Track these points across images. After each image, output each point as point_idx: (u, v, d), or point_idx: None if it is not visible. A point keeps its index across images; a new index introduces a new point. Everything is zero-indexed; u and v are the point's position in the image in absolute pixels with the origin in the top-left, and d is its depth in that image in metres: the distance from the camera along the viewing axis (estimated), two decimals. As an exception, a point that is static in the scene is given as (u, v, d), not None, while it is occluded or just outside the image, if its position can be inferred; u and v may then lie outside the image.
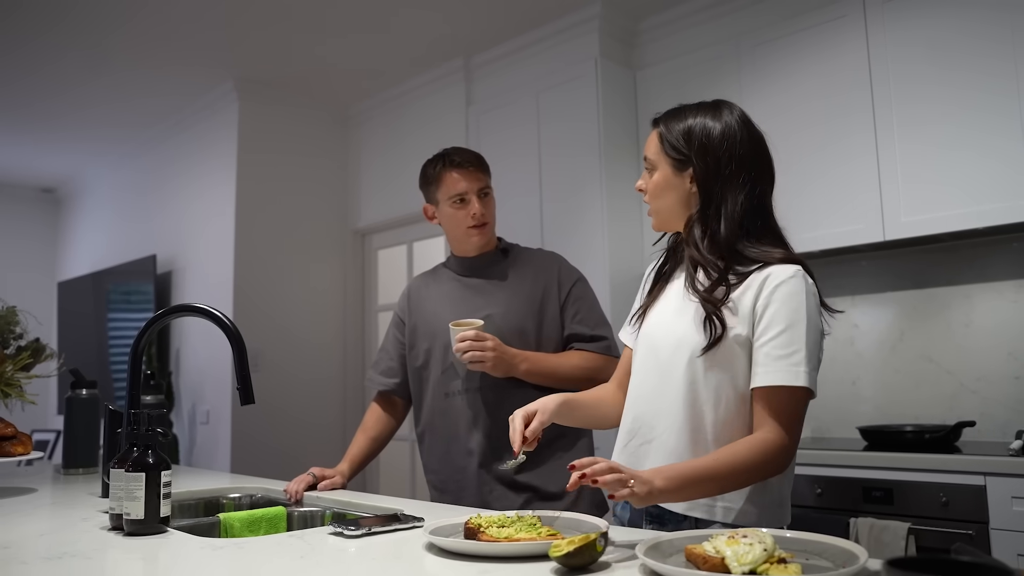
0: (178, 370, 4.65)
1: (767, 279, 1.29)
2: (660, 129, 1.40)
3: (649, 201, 1.43)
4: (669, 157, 1.38)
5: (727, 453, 1.23)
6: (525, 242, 3.63)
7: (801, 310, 1.27)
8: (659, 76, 3.44)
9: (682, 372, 1.33)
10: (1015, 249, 2.71)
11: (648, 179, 1.42)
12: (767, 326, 1.28)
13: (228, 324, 1.60)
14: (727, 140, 1.35)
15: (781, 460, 1.25)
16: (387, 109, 4.58)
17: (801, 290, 1.28)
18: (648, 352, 1.42)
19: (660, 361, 1.38)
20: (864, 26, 2.79)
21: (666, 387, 1.36)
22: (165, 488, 1.38)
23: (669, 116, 1.42)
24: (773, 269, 1.30)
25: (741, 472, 1.22)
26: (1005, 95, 2.47)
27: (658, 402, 1.37)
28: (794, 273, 1.29)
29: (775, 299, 1.28)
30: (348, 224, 4.76)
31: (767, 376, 1.26)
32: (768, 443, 1.23)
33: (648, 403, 1.39)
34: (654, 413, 1.37)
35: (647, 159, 1.42)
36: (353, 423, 4.62)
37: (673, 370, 1.35)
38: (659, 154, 1.40)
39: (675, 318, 1.38)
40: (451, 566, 1.10)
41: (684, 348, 1.33)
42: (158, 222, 5.05)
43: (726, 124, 1.37)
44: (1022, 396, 2.67)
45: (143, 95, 4.49)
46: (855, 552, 0.97)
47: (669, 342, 1.37)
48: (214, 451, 4.24)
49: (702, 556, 0.97)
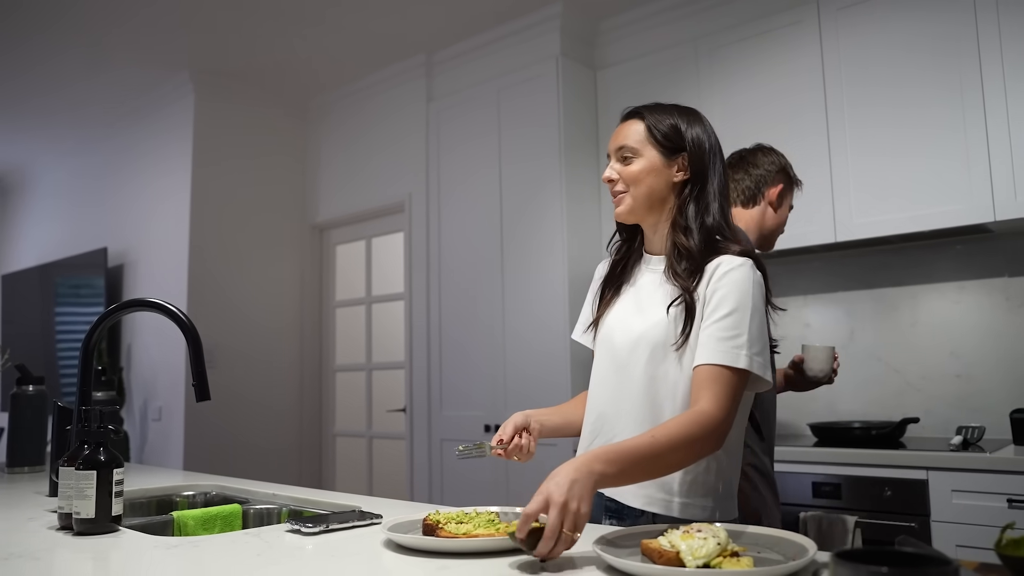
0: (129, 366, 4.55)
1: (718, 267, 1.34)
2: (646, 119, 1.43)
3: (627, 187, 1.42)
4: (659, 144, 1.41)
5: (663, 428, 1.22)
6: (484, 240, 3.65)
7: (747, 298, 1.31)
8: (619, 76, 3.47)
9: (641, 368, 1.36)
10: (958, 252, 2.80)
11: (621, 168, 1.43)
12: (714, 309, 1.31)
13: (184, 320, 1.57)
14: (709, 134, 1.45)
15: (717, 434, 1.24)
16: (347, 104, 4.54)
17: (748, 278, 1.32)
18: (607, 352, 1.45)
19: (619, 360, 1.41)
20: (819, 33, 2.85)
21: (626, 384, 1.39)
22: (117, 486, 1.35)
23: (651, 108, 1.45)
24: (724, 258, 1.35)
25: (679, 446, 1.20)
26: (950, 103, 2.55)
27: (619, 400, 1.40)
28: (743, 263, 1.34)
29: (722, 284, 1.32)
30: (306, 219, 4.71)
31: (710, 355, 1.28)
32: (703, 415, 1.23)
33: (609, 402, 1.42)
34: (615, 411, 1.40)
35: (626, 147, 1.42)
36: (310, 420, 4.58)
37: (632, 368, 1.38)
38: (645, 142, 1.42)
39: (633, 317, 1.42)
40: (409, 562, 1.10)
41: (643, 345, 1.37)
42: (110, 214, 4.93)
43: (704, 121, 1.47)
44: (963, 394, 2.76)
45: (96, 84, 4.38)
46: (805, 545, 1.00)
47: (627, 340, 1.40)
48: (166, 448, 4.17)
49: (657, 550, 0.99)
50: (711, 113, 3.11)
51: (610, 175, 1.44)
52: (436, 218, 3.90)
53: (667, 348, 1.34)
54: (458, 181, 3.82)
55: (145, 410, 4.38)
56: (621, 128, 1.46)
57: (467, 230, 3.76)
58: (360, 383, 4.53)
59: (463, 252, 3.75)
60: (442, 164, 3.89)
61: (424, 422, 3.85)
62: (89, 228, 5.10)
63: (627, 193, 1.42)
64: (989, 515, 2.16)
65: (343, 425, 4.58)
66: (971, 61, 2.52)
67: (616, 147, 1.45)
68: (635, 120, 1.45)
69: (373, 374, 4.48)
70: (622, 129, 1.45)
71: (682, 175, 1.41)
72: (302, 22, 3.69)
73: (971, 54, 2.52)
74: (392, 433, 4.29)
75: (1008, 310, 2.71)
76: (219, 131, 4.34)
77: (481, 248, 3.66)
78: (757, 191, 2.02)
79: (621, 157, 1.44)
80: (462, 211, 3.79)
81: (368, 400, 4.48)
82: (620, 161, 1.44)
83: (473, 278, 3.68)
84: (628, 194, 1.42)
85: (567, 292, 3.27)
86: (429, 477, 3.79)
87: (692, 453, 1.25)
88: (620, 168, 1.43)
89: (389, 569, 1.10)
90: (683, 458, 1.24)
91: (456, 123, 3.84)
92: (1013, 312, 2.70)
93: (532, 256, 3.44)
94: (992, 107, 2.47)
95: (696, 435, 1.22)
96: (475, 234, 3.71)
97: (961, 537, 2.19)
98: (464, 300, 3.71)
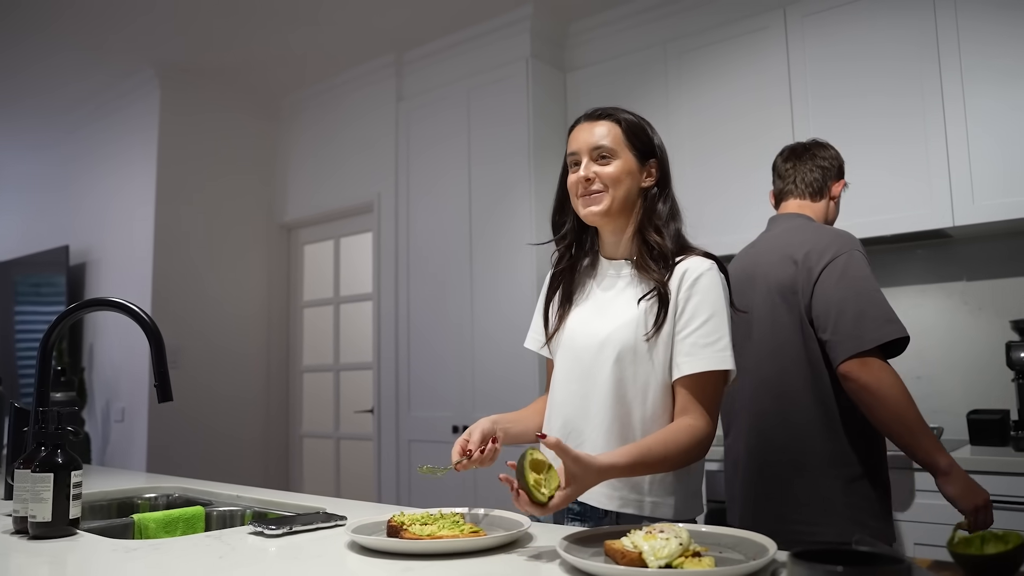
0: (91, 366, 4.47)
1: (686, 273, 1.36)
2: (621, 122, 1.43)
3: (606, 187, 1.41)
4: (633, 147, 1.42)
5: (661, 438, 1.28)
6: (454, 240, 3.65)
7: (720, 301, 1.35)
8: (589, 78, 3.49)
9: (609, 371, 1.37)
10: (918, 256, 2.86)
11: (600, 168, 1.41)
12: (691, 317, 1.34)
13: (146, 319, 1.55)
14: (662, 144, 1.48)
15: (706, 445, 1.33)
16: (316, 103, 4.50)
17: (718, 283, 1.37)
18: (571, 357, 1.45)
19: (584, 364, 1.41)
20: (785, 39, 2.89)
21: (593, 388, 1.39)
22: (75, 489, 1.33)
23: (620, 111, 1.45)
24: (690, 263, 1.38)
25: (674, 456, 1.28)
26: (911, 112, 2.60)
27: (586, 404, 1.40)
28: (710, 266, 1.37)
29: (696, 291, 1.35)
30: (274, 218, 4.66)
31: (697, 363, 1.32)
32: (697, 429, 1.30)
33: (575, 407, 1.41)
34: (583, 416, 1.40)
35: (603, 147, 1.41)
36: (277, 421, 4.53)
37: (599, 371, 1.38)
38: (622, 144, 1.42)
39: (596, 321, 1.43)
40: (374, 564, 1.10)
41: (610, 347, 1.37)
42: (72, 212, 4.84)
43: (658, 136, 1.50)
44: (922, 395, 2.81)
45: (57, 78, 4.29)
46: (765, 545, 1.02)
47: (592, 344, 1.40)
48: (129, 450, 4.10)
49: (620, 551, 1.00)
50: (679, 116, 3.15)
51: (588, 174, 1.41)
52: (405, 218, 3.88)
53: (636, 348, 1.35)
54: (427, 181, 3.81)
55: (107, 411, 4.31)
56: (591, 128, 1.43)
57: (436, 230, 3.75)
58: (328, 384, 4.49)
59: (432, 252, 3.74)
60: (411, 164, 3.88)
61: (392, 423, 3.84)
62: (50, 225, 5.00)
63: (605, 193, 1.41)
64: (948, 514, 2.19)
65: (310, 426, 4.54)
66: (931, 69, 2.57)
67: (591, 146, 1.42)
68: (608, 121, 1.43)
69: (341, 375, 4.45)
70: (593, 129, 1.43)
71: (651, 181, 1.44)
72: (271, 19, 3.66)
73: (931, 62, 2.57)
74: (360, 434, 4.27)
75: (967, 313, 2.77)
76: (185, 128, 4.29)
77: (450, 248, 3.65)
78: (824, 184, 2.00)
79: (597, 156, 1.42)
80: (431, 211, 3.78)
81: (336, 401, 4.45)
82: (596, 161, 1.42)
83: (442, 279, 3.67)
84: (607, 194, 1.41)
85: (536, 293, 3.27)
86: (397, 478, 3.77)
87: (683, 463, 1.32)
88: (598, 168, 1.41)
89: (353, 571, 1.09)
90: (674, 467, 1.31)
91: (426, 123, 3.83)
92: (971, 315, 2.76)
93: (501, 257, 3.44)
94: (951, 115, 2.53)
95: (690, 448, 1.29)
96: (444, 234, 3.71)
97: (922, 536, 2.23)
98: (433, 301, 3.70)
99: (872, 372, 1.66)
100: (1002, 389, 2.61)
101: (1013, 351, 2.40)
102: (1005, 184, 2.43)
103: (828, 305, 1.72)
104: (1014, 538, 0.88)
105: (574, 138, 1.46)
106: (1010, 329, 2.55)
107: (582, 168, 1.42)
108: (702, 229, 3.07)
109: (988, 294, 2.74)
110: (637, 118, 1.46)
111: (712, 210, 2.99)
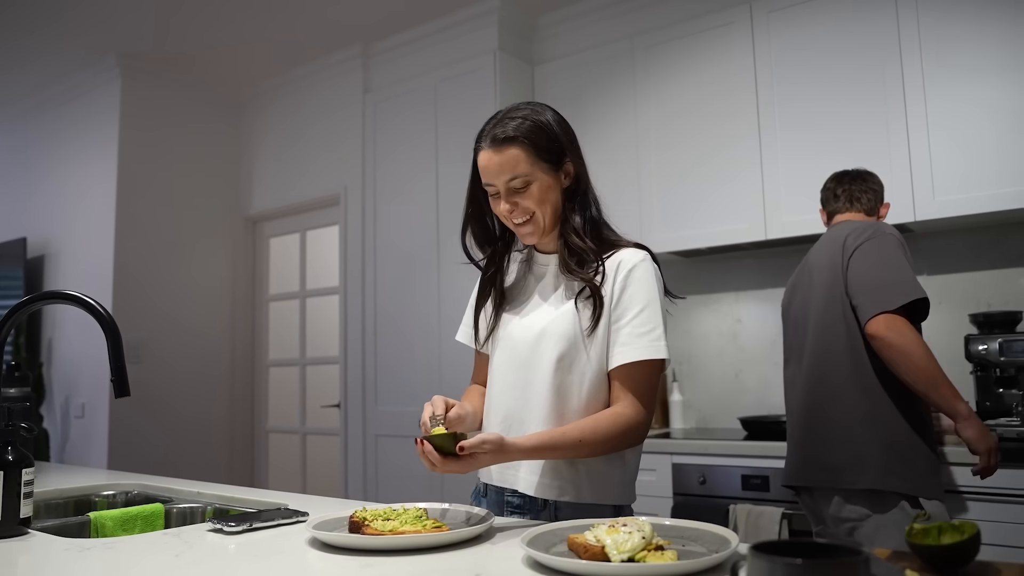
0: (50, 361, 4.37)
1: (620, 265, 1.38)
2: (520, 141, 1.36)
3: (534, 213, 1.39)
4: (544, 162, 1.39)
5: (587, 421, 1.32)
6: (421, 233, 3.62)
7: (653, 291, 1.37)
8: (557, 71, 3.48)
9: (547, 363, 1.38)
10: (882, 250, 2.90)
11: (519, 197, 1.38)
12: (626, 307, 1.36)
13: (101, 311, 1.51)
14: (567, 126, 1.45)
15: (639, 432, 1.35)
16: (282, 93, 4.44)
17: (651, 273, 1.39)
18: (508, 351, 1.46)
19: (521, 356, 1.43)
20: (751, 33, 2.91)
21: (532, 379, 1.40)
22: (27, 487, 1.29)
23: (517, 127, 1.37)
24: (623, 255, 1.40)
25: (592, 442, 1.30)
26: (874, 107, 2.64)
27: (526, 395, 1.41)
28: (644, 257, 1.40)
29: (631, 282, 1.37)
30: (239, 210, 4.59)
31: (632, 352, 1.34)
32: (626, 417, 1.33)
33: (515, 398, 1.43)
34: (523, 406, 1.41)
35: (517, 176, 1.37)
36: (242, 416, 4.48)
37: (538, 362, 1.40)
38: (532, 164, 1.37)
39: (532, 313, 1.45)
40: (334, 561, 1.08)
41: (548, 338, 1.39)
42: (29, 203, 4.72)
43: (554, 114, 1.44)
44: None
45: (14, 65, 4.18)
46: (727, 537, 1.02)
47: (530, 335, 1.42)
48: (89, 447, 4.02)
49: (583, 545, 1.00)
50: (647, 107, 3.16)
51: (507, 209, 1.39)
52: (372, 211, 3.85)
53: (574, 339, 1.37)
54: (394, 174, 3.78)
55: (67, 407, 4.22)
56: (496, 157, 1.37)
57: (404, 223, 3.72)
58: (294, 378, 4.45)
59: (399, 245, 3.71)
60: (378, 157, 3.84)
61: (359, 417, 3.81)
62: (7, 217, 4.87)
63: (532, 220, 1.40)
64: (907, 504, 2.24)
65: (276, 421, 4.49)
66: (894, 67, 2.61)
67: (505, 178, 1.37)
68: (511, 146, 1.36)
69: (307, 369, 4.40)
70: (500, 159, 1.37)
71: (569, 180, 1.43)
72: (236, 8, 3.60)
73: (894, 61, 2.61)
74: (326, 429, 4.23)
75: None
76: (147, 118, 4.20)
77: (418, 242, 3.63)
78: (876, 205, 2.24)
79: (513, 190, 1.38)
80: (398, 204, 3.75)
81: (302, 396, 4.40)
82: (512, 193, 1.38)
83: (409, 272, 3.65)
84: (534, 220, 1.40)
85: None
86: (364, 473, 3.74)
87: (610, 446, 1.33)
88: (518, 199, 1.38)
89: (312, 568, 1.08)
90: (600, 452, 1.34)
91: (393, 115, 3.80)
92: (933, 309, 2.80)
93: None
94: (913, 112, 2.56)
95: (616, 435, 1.32)
96: (412, 227, 3.68)
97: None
98: (400, 294, 3.68)
99: (897, 329, 1.86)
100: (961, 382, 2.65)
101: (972, 344, 2.45)
102: (965, 180, 2.47)
103: (859, 273, 1.96)
104: (969, 528, 0.89)
105: (484, 168, 1.40)
106: (968, 323, 2.60)
107: (502, 200, 1.40)
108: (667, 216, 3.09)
109: (948, 288, 2.79)
110: (533, 121, 1.39)
111: (676, 197, 3.01)
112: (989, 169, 2.44)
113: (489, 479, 1.46)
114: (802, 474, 2.07)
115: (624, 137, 3.19)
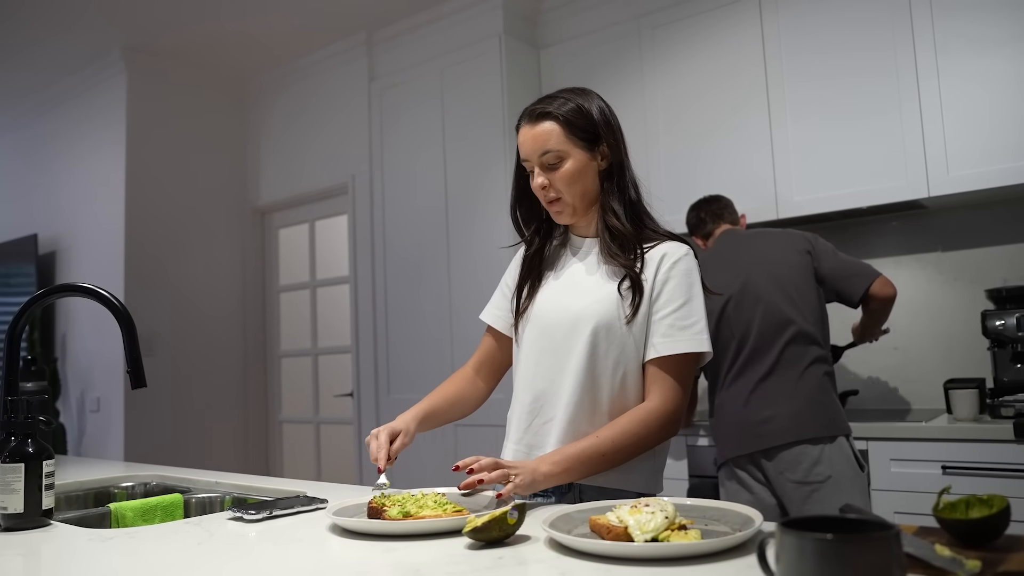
0: (64, 356, 4.40)
1: (664, 256, 1.37)
2: (558, 117, 1.38)
3: (564, 193, 1.40)
4: (580, 140, 1.39)
5: (613, 431, 1.31)
6: (429, 220, 3.61)
7: (696, 285, 1.38)
8: (562, 55, 3.46)
9: (582, 347, 1.37)
10: (894, 228, 2.88)
11: (552, 174, 1.39)
12: (668, 300, 1.35)
13: (116, 303, 1.51)
14: (611, 114, 1.45)
15: (670, 427, 1.34)
16: (288, 83, 4.43)
17: (694, 268, 1.39)
18: (540, 333, 1.44)
19: (556, 340, 1.41)
20: (759, 10, 2.88)
21: (565, 364, 1.39)
22: (47, 479, 1.30)
23: (557, 105, 1.40)
24: (668, 247, 1.39)
25: (627, 446, 1.30)
26: (886, 83, 2.60)
27: (558, 379, 1.39)
28: (687, 252, 1.40)
29: (673, 275, 1.36)
30: (247, 202, 4.60)
31: (674, 344, 1.33)
32: (653, 413, 1.32)
33: (547, 381, 1.41)
34: (555, 391, 1.40)
35: (550, 152, 1.38)
36: (256, 407, 4.49)
37: (572, 347, 1.38)
38: (567, 141, 1.38)
39: (568, 297, 1.42)
40: (355, 546, 1.08)
41: (584, 323, 1.37)
42: (40, 199, 4.74)
43: (600, 101, 1.45)
44: (899, 365, 2.84)
45: (22, 62, 4.18)
46: (751, 516, 1.01)
47: (565, 319, 1.40)
48: (106, 440, 4.05)
49: (606, 526, 0.99)
50: (654, 90, 3.13)
51: (543, 182, 1.39)
52: (380, 199, 3.84)
53: (611, 326, 1.35)
54: (402, 161, 3.77)
55: (82, 401, 4.24)
56: (532, 132, 1.39)
57: (412, 211, 3.71)
58: (306, 368, 4.46)
59: (408, 233, 3.71)
60: (385, 144, 3.83)
61: (372, 406, 3.81)
62: (17, 214, 4.89)
63: (564, 199, 1.40)
64: (926, 482, 2.23)
65: (289, 411, 4.51)
66: (905, 40, 2.57)
67: (537, 153, 1.39)
68: (547, 122, 1.39)
69: (319, 359, 4.41)
70: (534, 133, 1.39)
71: (605, 163, 1.42)
72: (238, -2, 3.58)
73: (905, 33, 2.57)
74: (340, 418, 4.24)
75: (942, 284, 2.79)
76: (154, 112, 4.20)
77: (426, 228, 3.62)
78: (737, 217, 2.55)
79: (547, 164, 1.39)
80: (406, 191, 3.74)
81: (315, 385, 4.41)
82: (546, 168, 1.39)
83: (419, 259, 3.64)
84: (565, 200, 1.40)
85: (515, 273, 3.26)
86: (378, 461, 3.75)
87: (642, 449, 1.33)
88: (551, 176, 1.39)
89: (335, 554, 1.08)
90: (633, 454, 1.33)
91: (399, 102, 3.78)
92: (947, 286, 2.79)
93: (478, 236, 3.42)
94: (925, 86, 2.53)
95: (643, 435, 1.32)
96: (420, 215, 3.67)
97: (899, 504, 2.26)
98: (410, 281, 3.67)
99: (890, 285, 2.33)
100: (978, 358, 2.64)
101: (988, 320, 2.43)
102: (979, 154, 2.44)
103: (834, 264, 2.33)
104: (998, 501, 0.88)
105: (521, 144, 1.42)
106: (985, 298, 2.58)
107: (536, 177, 1.41)
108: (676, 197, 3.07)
109: (963, 264, 2.76)
110: (575, 103, 1.40)
111: (685, 178, 2.98)
112: (1004, 143, 2.41)
113: None
114: None
115: (632, 119, 3.16)
